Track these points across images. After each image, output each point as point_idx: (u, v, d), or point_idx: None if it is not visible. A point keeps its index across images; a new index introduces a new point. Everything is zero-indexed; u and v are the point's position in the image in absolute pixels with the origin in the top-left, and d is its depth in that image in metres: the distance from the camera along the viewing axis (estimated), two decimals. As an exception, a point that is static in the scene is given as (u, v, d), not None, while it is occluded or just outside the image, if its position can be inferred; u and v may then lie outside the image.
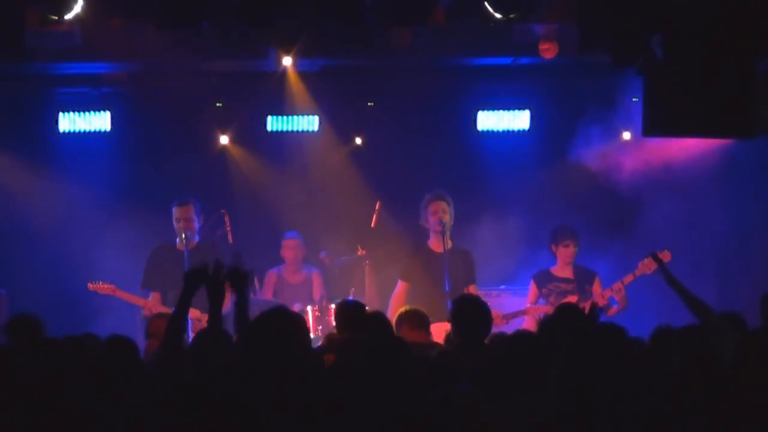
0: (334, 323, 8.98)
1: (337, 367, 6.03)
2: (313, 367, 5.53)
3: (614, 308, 11.46)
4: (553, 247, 11.78)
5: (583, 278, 11.64)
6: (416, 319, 8.52)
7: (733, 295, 12.72)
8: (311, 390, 5.36)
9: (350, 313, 8.29)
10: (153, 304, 11.27)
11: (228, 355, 6.00)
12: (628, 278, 11.47)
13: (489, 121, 13.55)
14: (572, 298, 11.31)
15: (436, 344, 8.45)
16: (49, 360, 6.10)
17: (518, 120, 13.54)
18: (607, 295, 11.50)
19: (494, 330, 10.09)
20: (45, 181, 13.26)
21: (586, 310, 10.70)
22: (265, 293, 12.30)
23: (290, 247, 12.47)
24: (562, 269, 11.74)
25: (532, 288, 11.74)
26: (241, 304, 6.28)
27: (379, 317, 8.12)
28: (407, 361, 5.86)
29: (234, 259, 6.42)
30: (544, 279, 11.72)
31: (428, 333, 8.57)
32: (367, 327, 7.79)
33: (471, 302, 8.07)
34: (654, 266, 11.19)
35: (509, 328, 10.57)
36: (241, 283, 6.29)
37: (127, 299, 11.46)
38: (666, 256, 11.27)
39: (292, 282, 12.46)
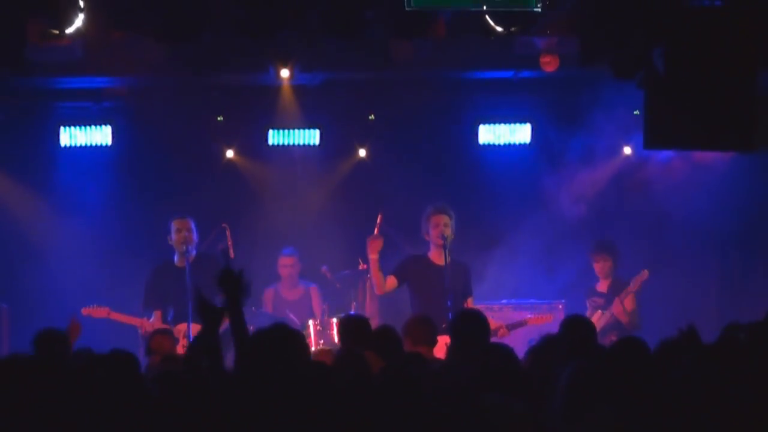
0: (336, 338, 8.95)
1: (347, 383, 6.01)
2: (316, 382, 5.51)
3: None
4: (593, 262, 12.02)
5: (615, 292, 11.91)
6: (419, 335, 8.50)
7: (734, 302, 12.73)
8: (316, 405, 5.35)
9: (356, 327, 8.24)
10: (149, 323, 11.27)
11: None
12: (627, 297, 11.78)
13: (490, 134, 13.54)
14: (598, 313, 11.81)
15: (438, 360, 8.43)
16: (52, 374, 6.10)
17: (519, 133, 13.52)
18: (628, 305, 11.73)
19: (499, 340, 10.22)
20: (46, 195, 13.26)
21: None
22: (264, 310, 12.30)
23: (286, 264, 12.50)
24: (601, 283, 12.07)
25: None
26: (236, 313, 6.06)
27: (388, 332, 8.11)
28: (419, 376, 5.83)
29: (224, 260, 6.26)
30: (588, 293, 12.19)
31: (431, 348, 8.55)
32: (374, 342, 7.76)
33: (471, 316, 8.06)
34: (638, 285, 11.67)
35: (511, 339, 10.59)
36: (234, 287, 6.05)
37: (123, 321, 11.47)
38: (643, 275, 11.71)
39: (289, 298, 12.46)
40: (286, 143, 13.33)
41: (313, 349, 10.88)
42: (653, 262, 12.62)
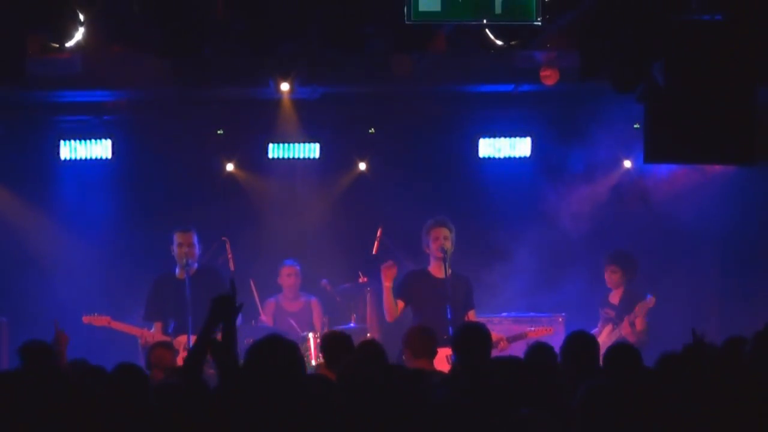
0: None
1: (343, 395, 6.00)
2: (310, 393, 5.51)
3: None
4: (604, 271, 12.17)
5: (626, 305, 11.90)
6: (420, 347, 8.52)
7: (735, 312, 12.71)
8: (310, 417, 5.34)
9: (337, 343, 8.22)
10: (150, 333, 11.28)
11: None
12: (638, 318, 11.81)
13: (490, 148, 13.54)
14: (609, 327, 11.87)
15: (439, 372, 8.43)
16: (58, 386, 6.09)
17: (520, 147, 13.53)
18: (639, 325, 11.75)
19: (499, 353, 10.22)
20: (46, 208, 13.26)
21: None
22: (264, 322, 12.28)
23: (288, 274, 12.49)
24: (613, 294, 12.06)
25: None
26: (230, 334, 6.10)
27: (372, 345, 8.10)
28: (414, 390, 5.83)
29: (230, 286, 6.31)
30: (601, 303, 12.19)
31: (431, 360, 8.55)
32: (357, 356, 7.74)
33: (473, 329, 8.05)
34: (644, 311, 11.75)
35: (511, 351, 10.59)
36: (231, 312, 6.13)
37: (123, 330, 11.48)
38: (649, 303, 11.76)
39: (290, 309, 12.45)
40: (286, 156, 13.34)
41: (313, 363, 10.88)
42: (653, 273, 12.64)
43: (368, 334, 11.90)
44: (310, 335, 11.54)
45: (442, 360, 9.60)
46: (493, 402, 5.92)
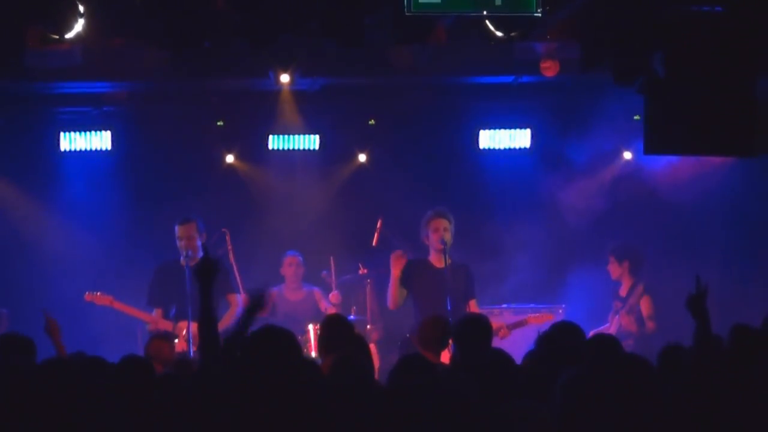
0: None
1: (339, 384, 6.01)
2: (307, 381, 5.52)
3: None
4: None
5: (630, 297, 11.91)
6: (429, 339, 8.54)
7: (735, 306, 12.71)
8: (308, 404, 5.36)
9: (338, 328, 8.21)
10: (161, 320, 11.26)
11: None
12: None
13: (490, 139, 13.53)
14: (616, 319, 11.98)
15: (439, 363, 8.43)
16: (62, 379, 6.10)
17: (520, 138, 13.52)
18: (645, 311, 11.80)
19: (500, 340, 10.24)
20: (46, 199, 13.26)
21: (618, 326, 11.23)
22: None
23: (290, 264, 12.48)
24: (622, 287, 12.22)
25: None
26: (204, 297, 6.04)
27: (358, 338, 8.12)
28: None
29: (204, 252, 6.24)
30: (613, 295, 12.25)
31: (438, 353, 8.56)
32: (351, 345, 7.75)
33: (473, 321, 8.05)
34: (637, 300, 11.80)
35: (511, 339, 10.62)
36: (209, 273, 6.06)
37: (126, 312, 11.44)
38: (638, 291, 11.82)
39: (292, 299, 12.45)
40: (286, 148, 13.33)
41: (313, 354, 10.86)
42: (654, 263, 12.63)
43: (368, 326, 11.91)
44: (310, 327, 11.53)
45: (443, 351, 9.59)
46: (493, 394, 5.93)
